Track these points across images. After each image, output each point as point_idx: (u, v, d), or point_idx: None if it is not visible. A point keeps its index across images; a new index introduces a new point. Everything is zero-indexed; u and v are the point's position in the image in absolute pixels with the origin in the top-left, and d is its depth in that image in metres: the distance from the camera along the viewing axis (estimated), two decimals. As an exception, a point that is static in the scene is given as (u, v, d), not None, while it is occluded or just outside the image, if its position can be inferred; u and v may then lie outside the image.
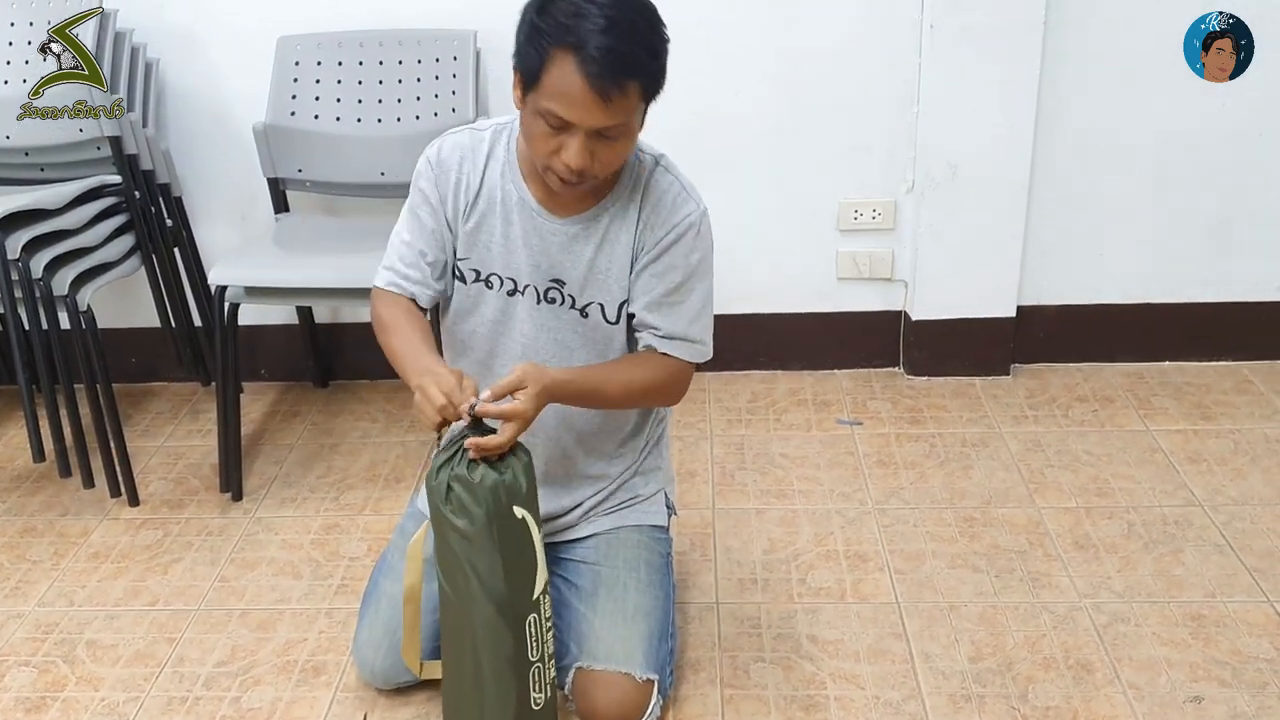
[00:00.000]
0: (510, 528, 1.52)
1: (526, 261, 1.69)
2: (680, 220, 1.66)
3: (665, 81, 1.55)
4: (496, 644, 1.55)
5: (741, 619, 2.05)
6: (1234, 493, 2.35)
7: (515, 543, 1.53)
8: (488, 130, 1.71)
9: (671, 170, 1.69)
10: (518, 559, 1.54)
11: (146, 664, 2.00)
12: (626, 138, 1.54)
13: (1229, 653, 1.91)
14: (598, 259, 1.67)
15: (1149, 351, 2.92)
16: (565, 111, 1.47)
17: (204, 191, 2.84)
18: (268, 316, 2.93)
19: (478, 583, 1.53)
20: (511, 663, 1.57)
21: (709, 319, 1.75)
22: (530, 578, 1.55)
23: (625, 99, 1.47)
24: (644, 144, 1.69)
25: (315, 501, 2.48)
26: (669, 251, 1.66)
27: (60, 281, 2.34)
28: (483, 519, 1.49)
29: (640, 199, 1.66)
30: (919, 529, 2.28)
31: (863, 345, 2.95)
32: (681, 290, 1.69)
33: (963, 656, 1.93)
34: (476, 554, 1.51)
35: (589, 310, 1.70)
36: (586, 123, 1.47)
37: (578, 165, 1.50)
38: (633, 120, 1.53)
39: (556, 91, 1.46)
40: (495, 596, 1.53)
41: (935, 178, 2.69)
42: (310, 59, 2.61)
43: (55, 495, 2.55)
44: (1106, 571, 2.13)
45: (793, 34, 2.64)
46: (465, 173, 1.69)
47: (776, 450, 2.60)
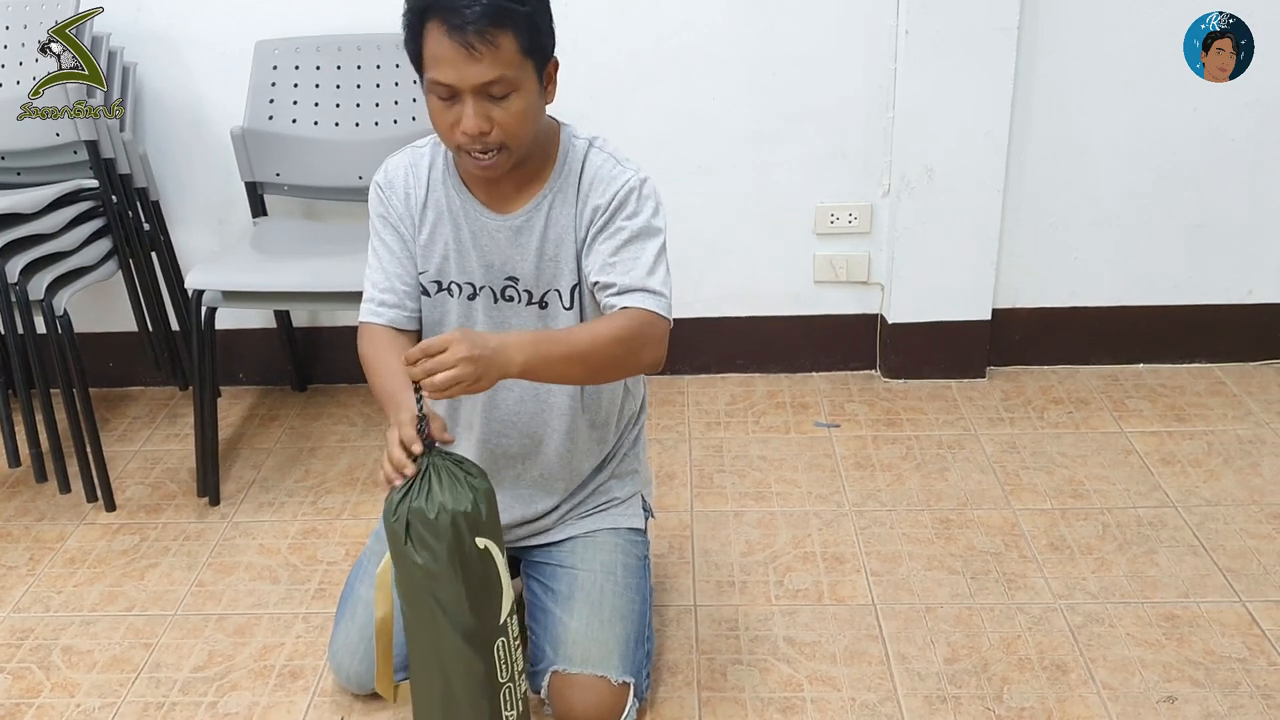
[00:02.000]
0: (473, 559, 1.50)
1: (479, 263, 1.70)
2: (619, 188, 1.65)
3: (551, 38, 1.57)
4: (467, 671, 1.54)
5: (719, 621, 2.05)
6: (1207, 494, 2.37)
7: (479, 573, 1.51)
8: (426, 145, 1.74)
9: (605, 149, 1.70)
10: (482, 588, 1.52)
11: (123, 669, 1.99)
12: (518, 95, 1.53)
13: (1202, 653, 1.92)
14: (544, 247, 1.68)
15: (1123, 354, 2.94)
16: (443, 75, 1.49)
17: (181, 196, 2.84)
18: (245, 320, 2.93)
19: (443, 615, 1.51)
20: (482, 686, 1.56)
21: (666, 275, 1.66)
22: (496, 604, 1.54)
23: (496, 50, 1.48)
24: (576, 129, 1.71)
25: (293, 506, 2.48)
26: (613, 217, 1.65)
27: (37, 286, 2.34)
28: (445, 554, 1.47)
29: (578, 180, 1.67)
30: (895, 531, 2.30)
31: (840, 348, 2.97)
32: (631, 246, 1.64)
33: (938, 658, 1.94)
34: (441, 588, 1.49)
35: (547, 300, 1.71)
36: (466, 81, 1.49)
37: (473, 129, 1.51)
38: (519, 76, 1.52)
39: (433, 59, 1.50)
40: (462, 627, 1.51)
41: (911, 182, 2.70)
42: (288, 63, 2.61)
43: (31, 500, 2.53)
44: (1081, 573, 2.14)
45: (769, 40, 2.65)
46: (411, 188, 1.72)
47: (755, 453, 2.61)
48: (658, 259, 1.65)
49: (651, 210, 1.67)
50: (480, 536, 1.50)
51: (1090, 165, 2.75)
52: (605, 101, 2.69)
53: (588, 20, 2.61)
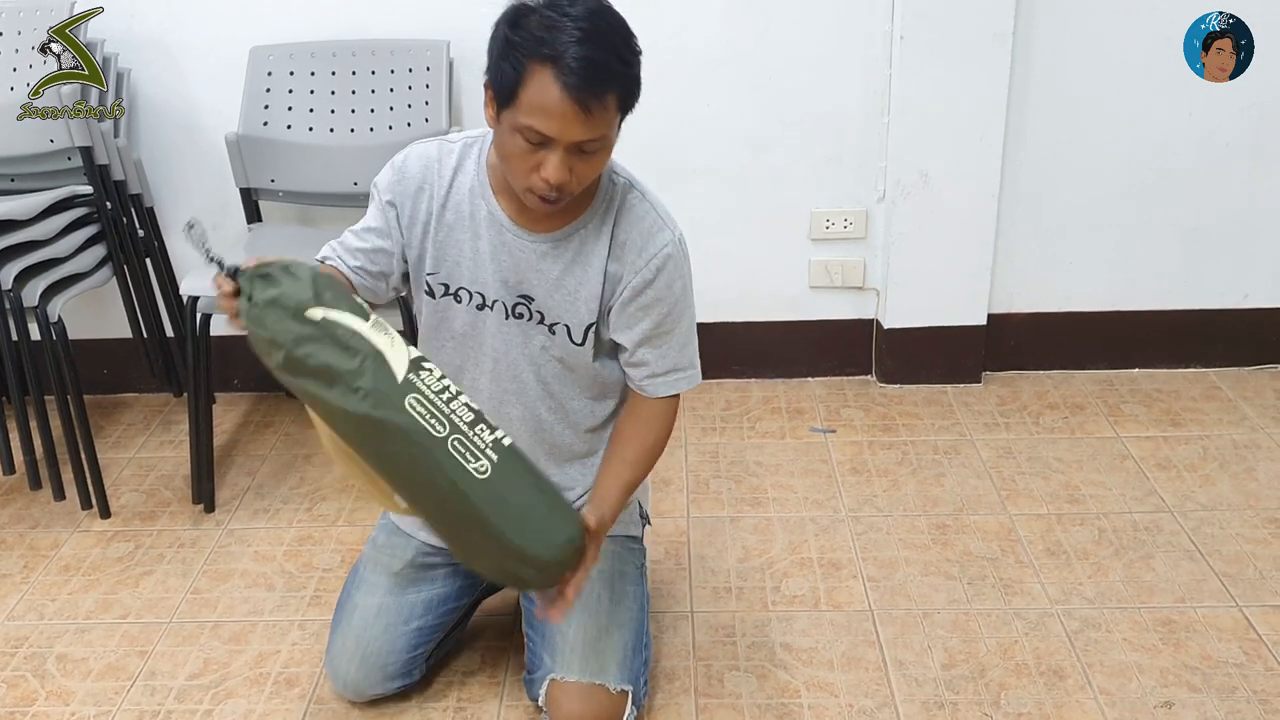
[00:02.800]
0: (314, 338, 1.37)
1: (494, 276, 1.67)
2: (658, 251, 1.64)
3: (640, 93, 1.54)
4: (384, 442, 1.40)
5: (716, 628, 2.05)
6: (1203, 499, 2.38)
7: (334, 343, 1.37)
8: (458, 143, 1.69)
9: (647, 196, 1.67)
10: (346, 355, 1.38)
11: (118, 677, 1.99)
12: (604, 151, 1.52)
13: (1199, 658, 1.92)
14: (565, 279, 1.66)
15: (1119, 359, 2.95)
16: (545, 126, 1.44)
17: (176, 202, 2.83)
18: (240, 327, 2.92)
19: (334, 400, 1.38)
20: (432, 454, 1.39)
21: (695, 340, 1.74)
22: (379, 365, 1.38)
23: (605, 111, 1.45)
24: (616, 164, 1.67)
25: (288, 513, 2.47)
26: (651, 285, 1.65)
27: (31, 292, 2.33)
28: (288, 341, 1.37)
29: (614, 222, 1.64)
30: (892, 536, 2.30)
31: (835, 353, 2.97)
32: (669, 320, 1.68)
33: (935, 664, 1.94)
34: (307, 382, 1.39)
35: (556, 329, 1.69)
36: (567, 136, 1.44)
37: (556, 180, 1.47)
38: (610, 134, 1.51)
39: (536, 106, 1.43)
40: (355, 403, 1.37)
41: (906, 187, 2.70)
42: (283, 69, 2.61)
43: (25, 508, 2.53)
44: (1078, 578, 2.14)
45: (765, 46, 2.65)
46: (429, 183, 1.66)
47: (751, 458, 2.61)
48: (691, 328, 1.72)
49: (686, 274, 1.69)
50: (313, 309, 1.38)
51: (1085, 169, 2.75)
52: (601, 107, 2.69)
53: (583, 26, 2.60)
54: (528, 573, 1.46)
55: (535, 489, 1.45)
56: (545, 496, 1.46)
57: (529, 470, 1.46)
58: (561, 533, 1.45)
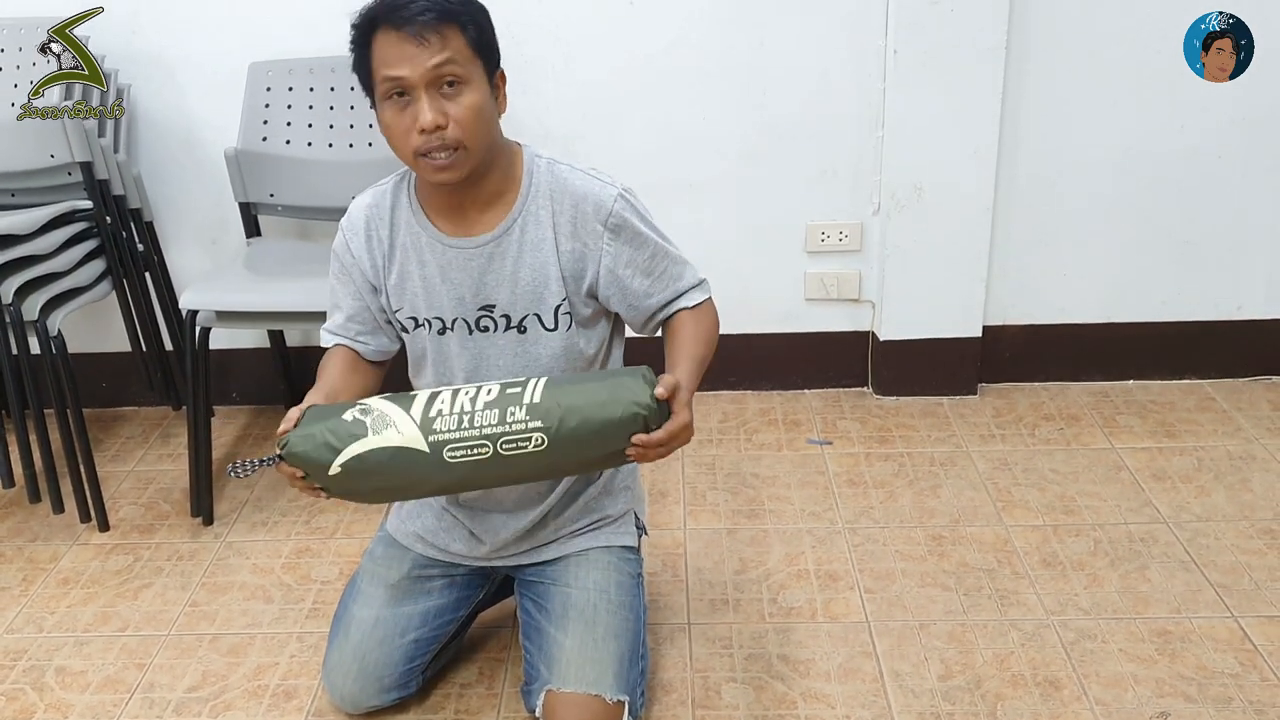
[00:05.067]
0: (353, 473, 1.52)
1: (449, 297, 1.70)
2: (609, 214, 1.67)
3: (496, 46, 1.60)
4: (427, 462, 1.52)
5: (713, 639, 2.06)
6: (1198, 509, 2.38)
7: (368, 470, 1.52)
8: (389, 183, 1.75)
9: (577, 166, 1.71)
10: (383, 474, 1.53)
11: (116, 690, 1.99)
12: (470, 90, 1.55)
13: (1194, 668, 1.93)
14: (520, 271, 1.68)
15: (1114, 370, 2.96)
16: (394, 68, 1.52)
17: (175, 216, 2.84)
18: (239, 340, 2.93)
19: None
20: (495, 467, 1.51)
21: (682, 256, 1.77)
22: (407, 456, 1.51)
23: (444, 40, 1.52)
24: (538, 149, 1.72)
25: (286, 525, 2.48)
26: (620, 245, 1.68)
27: (30, 306, 2.34)
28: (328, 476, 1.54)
29: (550, 200, 1.68)
30: (889, 548, 2.30)
31: (831, 365, 2.98)
32: (655, 258, 1.72)
33: (932, 675, 1.94)
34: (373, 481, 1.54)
35: (526, 324, 1.71)
36: (416, 70, 1.51)
37: (430, 121, 1.52)
38: (469, 70, 1.55)
39: (382, 60, 1.53)
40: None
41: (901, 200, 2.72)
42: (281, 85, 2.62)
43: (24, 521, 2.53)
44: (1074, 589, 2.15)
45: (759, 60, 2.67)
46: (374, 229, 1.73)
47: (748, 470, 2.62)
48: (679, 253, 1.76)
49: (642, 211, 1.72)
50: (330, 471, 1.54)
51: (1079, 182, 2.76)
52: (597, 120, 2.71)
53: (579, 39, 2.62)
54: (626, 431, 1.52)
55: (588, 399, 1.50)
56: (597, 388, 1.52)
57: (571, 394, 1.51)
58: (628, 393, 1.51)
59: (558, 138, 2.71)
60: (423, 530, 1.90)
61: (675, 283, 1.75)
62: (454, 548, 1.88)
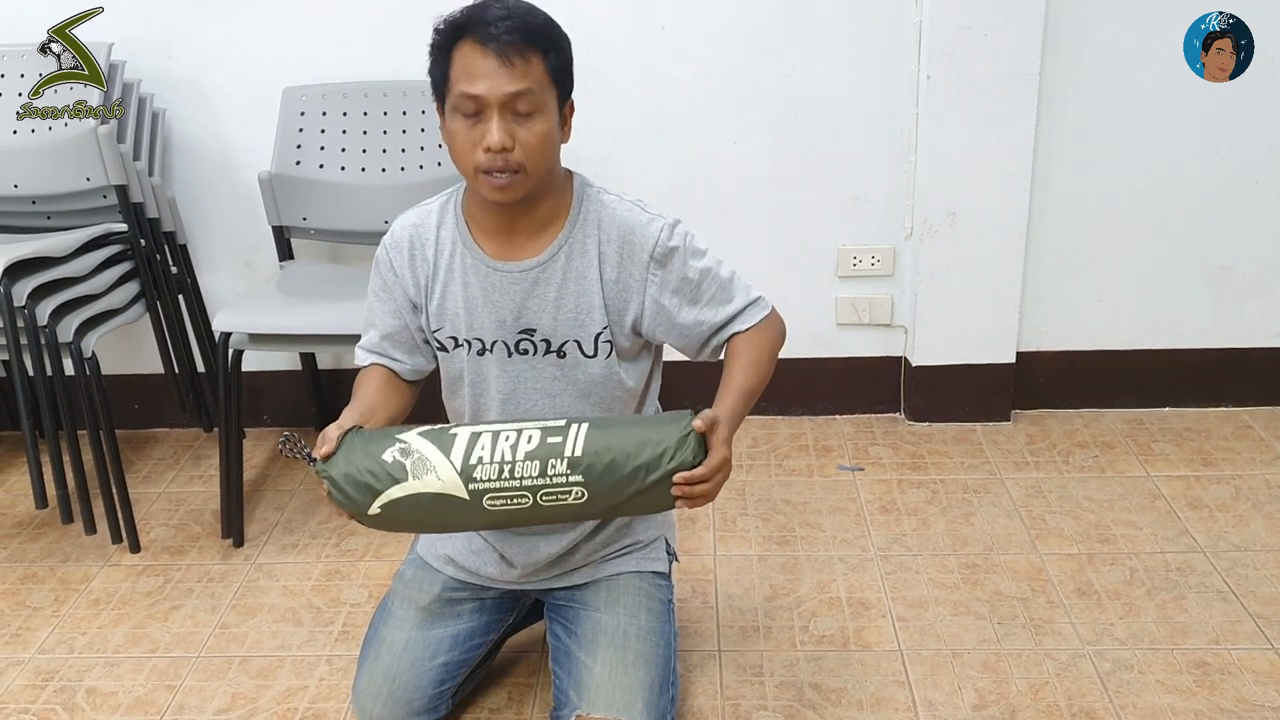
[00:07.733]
0: (392, 517, 1.55)
1: (490, 319, 1.70)
2: (653, 245, 1.67)
3: (572, 76, 1.60)
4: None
5: (744, 667, 2.04)
6: (1236, 539, 2.35)
7: (410, 510, 1.54)
8: (435, 203, 1.75)
9: (626, 197, 1.71)
10: (428, 513, 1.55)
11: (146, 711, 1.99)
12: (541, 117, 1.55)
13: (1234, 700, 1.90)
14: (563, 298, 1.68)
15: (1149, 397, 2.93)
16: (473, 85, 1.51)
17: (209, 239, 2.87)
18: (271, 363, 2.95)
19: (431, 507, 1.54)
20: (534, 515, 1.54)
21: (737, 276, 1.77)
22: (449, 503, 1.53)
23: (527, 65, 1.52)
24: (589, 179, 1.72)
25: (316, 548, 2.48)
26: (665, 275, 1.68)
27: (65, 328, 2.36)
28: (364, 508, 1.55)
29: (597, 230, 1.67)
30: (921, 575, 2.28)
31: (863, 391, 2.96)
32: (701, 286, 1.71)
33: (966, 704, 1.92)
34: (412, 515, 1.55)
35: (566, 349, 1.71)
36: (495, 91, 1.51)
37: (498, 142, 1.52)
38: (545, 97, 1.55)
39: (462, 73, 1.52)
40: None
41: (934, 225, 2.71)
42: (315, 109, 2.64)
43: (56, 542, 2.54)
44: (1109, 618, 2.12)
45: (792, 85, 2.67)
46: (418, 249, 1.73)
47: (778, 496, 2.60)
48: (730, 277, 1.76)
49: (695, 245, 1.72)
50: (370, 511, 1.54)
51: (1113, 207, 2.75)
52: (628, 145, 2.72)
53: (611, 65, 2.63)
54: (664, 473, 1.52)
55: (623, 445, 1.51)
56: (637, 434, 1.53)
57: (609, 441, 1.52)
58: (668, 436, 1.52)
59: (588, 161, 2.69)
60: (454, 553, 1.89)
61: (724, 307, 1.74)
62: (485, 571, 1.87)
